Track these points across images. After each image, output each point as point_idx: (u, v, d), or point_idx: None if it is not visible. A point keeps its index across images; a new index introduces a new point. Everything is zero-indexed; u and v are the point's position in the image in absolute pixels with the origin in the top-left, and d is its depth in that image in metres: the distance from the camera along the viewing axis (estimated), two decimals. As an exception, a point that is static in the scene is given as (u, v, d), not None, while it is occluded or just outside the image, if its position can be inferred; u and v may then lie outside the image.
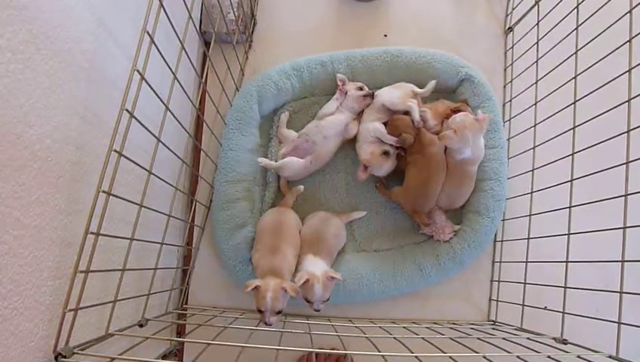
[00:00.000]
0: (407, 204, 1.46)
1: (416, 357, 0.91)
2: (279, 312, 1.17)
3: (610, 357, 1.00)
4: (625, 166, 1.02)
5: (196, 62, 1.57)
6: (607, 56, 1.13)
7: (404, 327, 1.26)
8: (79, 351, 0.86)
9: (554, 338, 1.17)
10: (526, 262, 1.40)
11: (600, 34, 1.17)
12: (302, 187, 1.52)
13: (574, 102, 1.23)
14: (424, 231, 1.48)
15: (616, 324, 0.99)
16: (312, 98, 1.59)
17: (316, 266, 1.27)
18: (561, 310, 1.19)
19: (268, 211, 1.47)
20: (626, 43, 1.05)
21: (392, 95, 1.47)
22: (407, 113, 1.44)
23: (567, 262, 1.19)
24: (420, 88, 1.50)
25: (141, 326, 1.11)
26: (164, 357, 1.33)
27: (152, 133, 0.98)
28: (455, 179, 1.42)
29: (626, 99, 1.03)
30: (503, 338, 1.17)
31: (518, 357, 1.00)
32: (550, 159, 1.31)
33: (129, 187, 1.04)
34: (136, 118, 0.88)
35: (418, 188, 1.40)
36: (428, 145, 1.38)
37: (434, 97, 1.54)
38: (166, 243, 1.20)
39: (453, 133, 1.32)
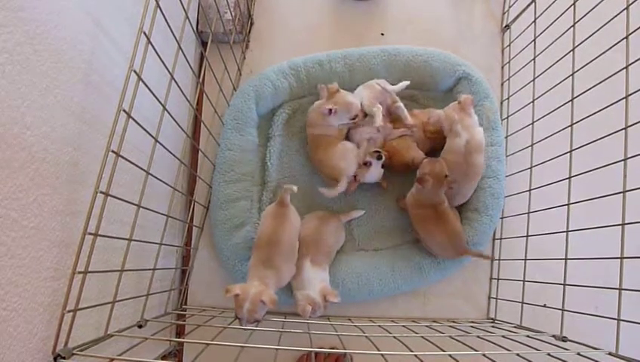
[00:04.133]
0: (450, 254, 1.43)
1: (415, 355, 0.91)
2: (257, 320, 1.15)
3: (609, 354, 1.00)
4: (623, 163, 1.02)
5: (193, 62, 1.56)
6: (604, 53, 1.13)
7: (403, 326, 1.26)
8: (78, 352, 0.86)
9: (553, 336, 1.18)
10: (525, 259, 1.40)
11: (597, 31, 1.17)
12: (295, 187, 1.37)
13: (572, 100, 1.23)
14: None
15: (616, 321, 0.99)
16: (309, 97, 1.58)
17: (314, 282, 1.29)
18: (561, 307, 1.20)
19: (268, 211, 1.37)
20: (623, 40, 1.05)
21: (362, 96, 1.46)
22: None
23: (566, 259, 1.19)
24: (417, 87, 1.50)
25: (140, 326, 1.11)
26: (163, 357, 1.33)
27: (149, 133, 0.98)
28: (462, 176, 1.39)
29: (624, 95, 1.03)
30: (503, 336, 1.17)
31: (517, 354, 1.00)
32: (548, 156, 1.31)
33: (127, 187, 1.04)
34: (133, 119, 0.88)
35: (449, 237, 1.37)
36: (440, 202, 1.35)
37: (430, 97, 1.55)
38: (164, 244, 1.20)
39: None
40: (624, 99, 1.03)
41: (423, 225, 1.40)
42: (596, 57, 1.15)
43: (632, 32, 1.03)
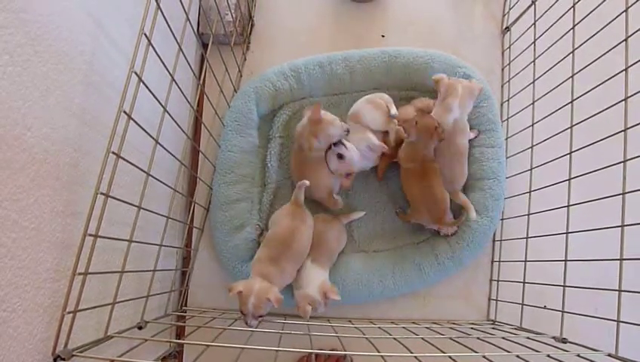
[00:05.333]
0: (425, 217, 1.44)
1: (415, 357, 0.91)
2: (261, 316, 1.16)
3: (609, 355, 1.00)
4: (622, 164, 1.02)
5: (194, 63, 1.57)
6: (604, 54, 1.13)
7: (403, 327, 1.26)
8: (78, 353, 0.86)
9: (553, 338, 1.17)
10: (525, 261, 1.40)
11: (597, 33, 1.17)
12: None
13: (572, 101, 1.23)
14: (430, 227, 1.47)
15: (615, 323, 0.99)
16: (310, 99, 1.59)
17: (314, 280, 1.29)
18: (561, 309, 1.19)
19: (284, 210, 1.37)
20: (622, 42, 1.05)
21: (374, 118, 1.45)
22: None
23: (565, 261, 1.19)
24: (417, 89, 1.52)
25: (140, 328, 1.11)
26: (163, 359, 1.33)
27: (150, 134, 0.98)
28: (447, 157, 1.40)
29: (623, 97, 1.03)
30: (503, 338, 1.17)
31: (517, 356, 1.00)
32: (548, 158, 1.31)
33: (127, 189, 1.04)
34: (134, 120, 0.88)
35: (425, 197, 1.39)
36: (429, 161, 1.37)
37: (430, 98, 1.55)
38: (165, 245, 1.20)
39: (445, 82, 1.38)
40: (623, 101, 1.03)
41: (406, 181, 1.42)
42: (596, 59, 1.15)
43: (632, 34, 1.04)
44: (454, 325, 1.38)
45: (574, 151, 1.21)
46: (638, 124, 1.00)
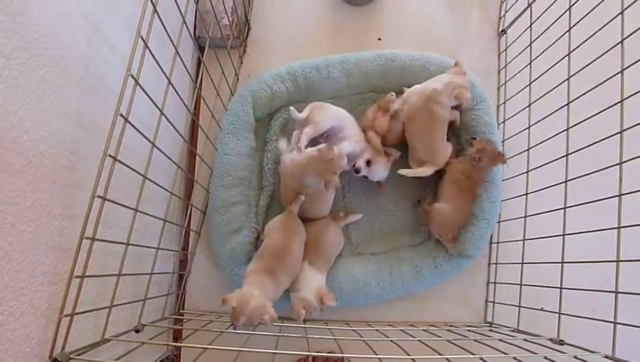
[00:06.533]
0: (439, 223, 1.44)
1: (413, 359, 0.91)
2: None
3: (606, 357, 1.00)
4: (618, 166, 1.03)
5: (191, 67, 1.57)
6: (599, 57, 1.14)
7: (401, 330, 1.27)
8: (75, 357, 0.86)
9: (551, 339, 1.18)
10: (522, 263, 1.40)
11: (592, 35, 1.18)
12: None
13: (568, 104, 1.23)
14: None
15: (613, 324, 0.99)
16: (307, 102, 1.58)
17: (311, 284, 1.29)
18: (558, 311, 1.20)
19: (276, 222, 1.38)
20: (618, 44, 1.06)
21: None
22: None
23: (562, 262, 1.20)
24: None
25: (137, 331, 1.11)
26: (161, 362, 1.33)
27: (146, 137, 0.98)
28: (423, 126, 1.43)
29: (619, 99, 1.04)
30: (500, 340, 1.17)
31: (514, 358, 1.00)
32: (545, 160, 1.31)
33: (124, 192, 1.04)
34: (130, 123, 0.88)
35: (458, 208, 1.43)
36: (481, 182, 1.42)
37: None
38: (162, 248, 1.20)
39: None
40: (619, 103, 1.04)
41: (453, 189, 1.42)
42: (592, 62, 1.16)
43: (627, 37, 1.04)
44: (452, 327, 1.39)
45: (570, 153, 1.21)
46: (634, 126, 1.00)
